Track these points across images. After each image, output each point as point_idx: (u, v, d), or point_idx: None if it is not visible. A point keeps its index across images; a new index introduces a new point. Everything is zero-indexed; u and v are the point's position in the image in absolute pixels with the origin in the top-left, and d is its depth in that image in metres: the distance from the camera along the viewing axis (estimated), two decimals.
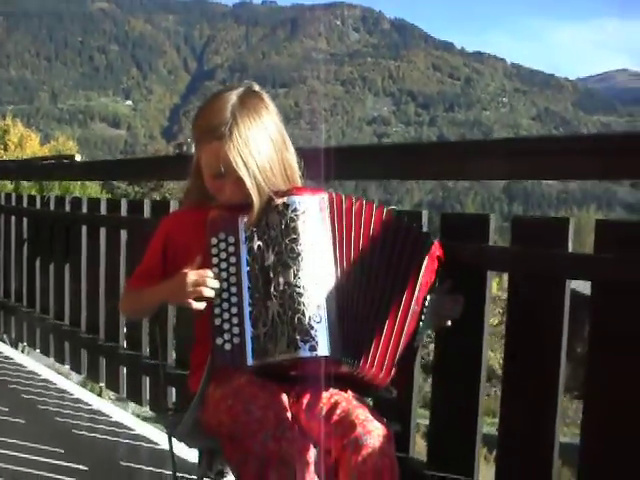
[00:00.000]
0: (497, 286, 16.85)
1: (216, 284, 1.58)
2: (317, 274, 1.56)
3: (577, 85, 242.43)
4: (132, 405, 4.73)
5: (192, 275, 1.59)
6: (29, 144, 23.02)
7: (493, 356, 15.83)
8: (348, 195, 1.65)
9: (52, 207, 4.17)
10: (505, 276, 2.04)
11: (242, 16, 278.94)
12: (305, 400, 1.59)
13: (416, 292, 1.63)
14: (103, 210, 3.61)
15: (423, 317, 1.64)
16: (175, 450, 2.96)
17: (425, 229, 2.01)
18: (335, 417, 1.54)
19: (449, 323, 1.76)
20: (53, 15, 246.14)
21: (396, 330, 1.60)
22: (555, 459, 1.79)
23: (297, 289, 1.54)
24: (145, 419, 3.80)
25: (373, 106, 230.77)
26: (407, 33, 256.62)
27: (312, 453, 1.45)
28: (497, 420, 1.89)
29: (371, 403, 1.70)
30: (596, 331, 1.72)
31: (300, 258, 1.56)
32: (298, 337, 1.51)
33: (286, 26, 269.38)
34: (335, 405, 1.56)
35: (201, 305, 1.59)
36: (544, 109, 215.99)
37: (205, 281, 1.58)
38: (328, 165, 1.80)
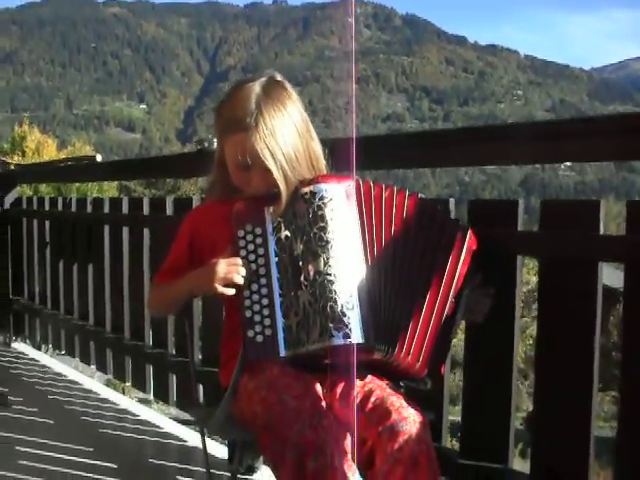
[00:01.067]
0: None
1: (244, 272, 1.57)
2: (347, 261, 1.54)
3: (592, 75, 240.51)
4: (155, 406, 4.74)
5: (221, 263, 1.59)
6: (46, 150, 23.16)
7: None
8: (377, 182, 1.63)
9: (74, 209, 4.18)
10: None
11: (253, 17, 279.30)
12: (339, 389, 1.57)
13: (454, 283, 1.61)
14: (125, 209, 3.62)
15: (459, 310, 1.63)
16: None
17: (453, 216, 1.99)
18: (369, 405, 1.52)
19: (481, 318, 1.75)
20: (66, 22, 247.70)
21: (434, 320, 1.59)
22: (592, 449, 1.76)
23: (328, 277, 1.52)
24: (171, 419, 3.80)
25: (387, 103, 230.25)
26: (419, 28, 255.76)
27: (349, 441, 1.44)
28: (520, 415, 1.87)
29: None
30: (631, 315, 1.70)
31: (329, 246, 1.54)
32: (331, 325, 1.50)
33: (298, 25, 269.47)
34: (369, 393, 1.55)
35: (231, 291, 1.58)
36: (559, 100, 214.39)
37: (235, 268, 1.57)
38: (353, 155, 1.79)
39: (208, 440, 3.18)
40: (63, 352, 4.46)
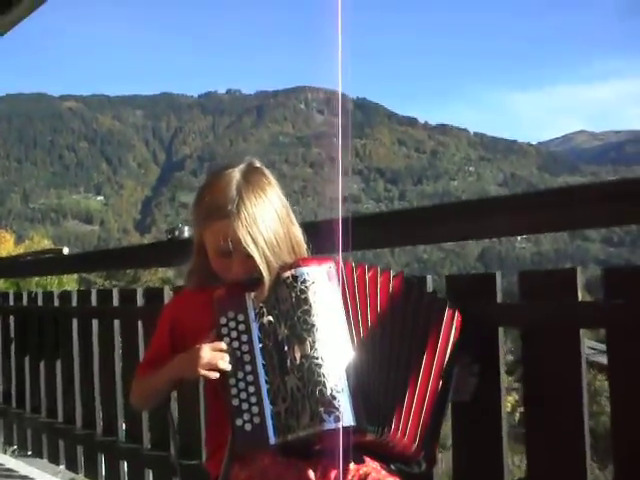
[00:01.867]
0: None
1: (228, 357, 1.55)
2: (334, 344, 1.54)
3: (540, 149, 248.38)
4: None
5: (205, 348, 1.57)
6: (4, 245, 22.97)
7: None
8: (360, 263, 1.64)
9: (40, 302, 4.11)
10: None
11: (208, 106, 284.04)
12: (333, 474, 1.54)
13: (443, 361, 1.61)
14: (94, 302, 3.57)
15: (450, 387, 1.62)
16: None
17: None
18: None
19: (468, 397, 1.74)
20: (22, 117, 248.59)
21: (427, 399, 1.58)
22: None
23: (315, 360, 1.51)
24: None
25: (343, 185, 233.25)
26: (370, 111, 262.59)
27: None
28: None
29: None
30: (617, 377, 1.71)
31: (315, 329, 1.54)
32: (321, 409, 1.48)
33: (251, 113, 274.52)
34: (365, 476, 1.52)
35: (215, 374, 1.55)
36: (510, 175, 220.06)
37: (219, 354, 1.55)
38: (339, 236, 1.80)
39: None
40: (29, 453, 4.30)
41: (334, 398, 1.48)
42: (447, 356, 1.63)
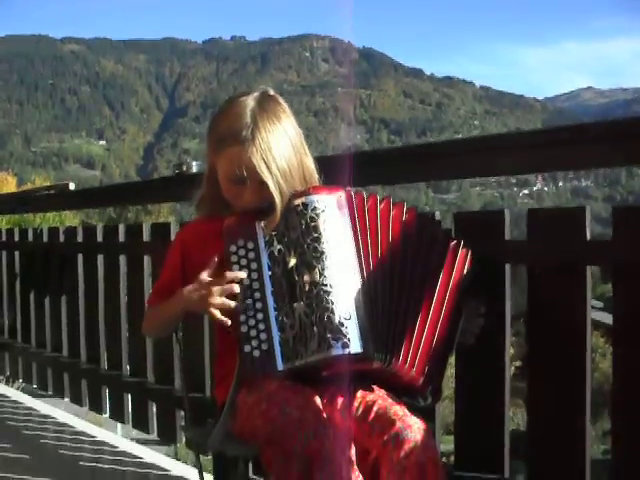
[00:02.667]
0: None
1: (238, 289, 1.56)
2: (343, 271, 1.54)
3: (546, 105, 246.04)
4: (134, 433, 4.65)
5: (215, 284, 1.57)
6: (6, 187, 22.85)
7: None
8: (372, 193, 1.64)
9: (45, 239, 4.12)
10: None
11: (212, 52, 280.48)
12: (339, 401, 1.56)
13: (447, 294, 1.62)
14: (99, 237, 3.58)
15: (459, 325, 1.64)
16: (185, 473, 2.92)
17: None
18: (372, 415, 1.52)
19: (472, 340, 1.75)
20: (23, 59, 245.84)
21: (438, 330, 1.59)
22: (588, 453, 1.78)
23: (324, 287, 1.52)
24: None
25: (346, 135, 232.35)
26: (376, 62, 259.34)
27: (353, 451, 1.43)
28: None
29: None
30: (621, 320, 1.73)
31: (324, 257, 1.54)
32: (329, 335, 1.49)
33: (256, 61, 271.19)
34: (371, 403, 1.54)
35: (226, 320, 1.56)
36: (515, 129, 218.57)
37: (228, 287, 1.56)
38: (348, 166, 1.80)
39: (187, 468, 3.14)
40: (35, 386, 4.36)
41: (342, 325, 1.49)
42: (458, 293, 1.63)
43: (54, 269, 4.03)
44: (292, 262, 1.56)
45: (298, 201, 1.59)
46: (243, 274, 1.57)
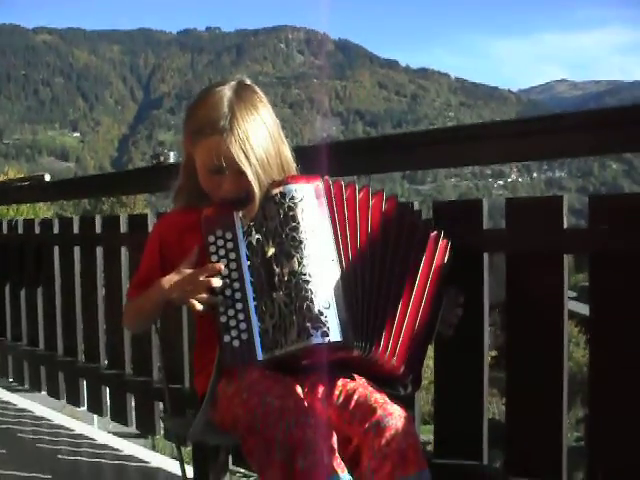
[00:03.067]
0: None
1: (218, 282, 1.56)
2: (321, 261, 1.54)
3: (520, 96, 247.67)
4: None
5: (195, 273, 1.58)
6: None
7: None
8: (350, 182, 1.64)
9: (20, 230, 4.08)
10: None
11: (187, 43, 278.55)
12: (320, 389, 1.57)
13: (428, 284, 1.63)
14: (76, 229, 3.54)
15: (439, 313, 1.65)
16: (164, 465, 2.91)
17: None
18: (353, 403, 1.52)
19: (450, 331, 1.77)
20: None
21: (419, 318, 1.61)
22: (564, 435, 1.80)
23: (303, 277, 1.52)
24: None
25: (322, 127, 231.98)
26: (352, 53, 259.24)
27: (335, 439, 1.44)
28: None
29: None
30: (598, 308, 1.75)
31: (303, 246, 1.54)
32: (309, 324, 1.49)
33: (231, 52, 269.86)
34: (352, 391, 1.55)
35: (202, 307, 1.56)
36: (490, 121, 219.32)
37: (207, 281, 1.56)
38: (325, 160, 1.80)
39: (166, 459, 3.14)
40: (10, 380, 4.32)
41: (321, 314, 1.49)
42: (438, 282, 1.64)
43: (30, 261, 3.99)
44: (271, 252, 1.56)
45: (276, 190, 1.58)
46: (222, 266, 1.57)
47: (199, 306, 1.56)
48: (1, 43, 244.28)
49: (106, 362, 3.42)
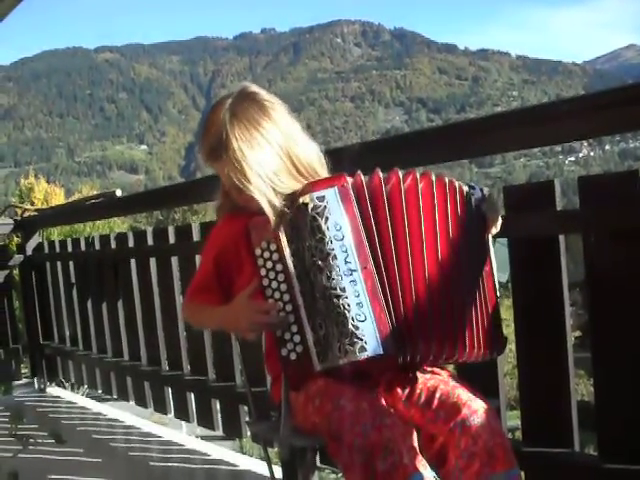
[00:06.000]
0: None
1: (274, 314, 1.52)
2: (352, 270, 1.47)
3: (585, 68, 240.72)
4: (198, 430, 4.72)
5: (252, 313, 1.54)
6: (54, 199, 23.23)
7: None
8: (394, 170, 1.54)
9: (98, 247, 4.19)
10: None
11: (243, 47, 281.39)
12: (399, 390, 1.56)
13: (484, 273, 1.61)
14: (150, 241, 3.62)
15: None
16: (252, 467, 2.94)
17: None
18: (436, 402, 1.50)
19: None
20: (60, 72, 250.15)
21: (480, 310, 1.59)
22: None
23: (334, 292, 1.46)
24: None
25: (385, 118, 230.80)
26: (408, 41, 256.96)
27: (415, 437, 1.42)
28: None
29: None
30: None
31: (330, 258, 1.46)
32: (346, 341, 1.44)
33: (288, 51, 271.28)
34: (434, 389, 1.53)
35: (254, 337, 1.57)
36: (556, 96, 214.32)
37: (263, 317, 1.53)
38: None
39: (254, 461, 3.17)
40: (100, 391, 4.45)
41: (357, 328, 1.44)
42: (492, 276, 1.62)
43: (108, 276, 4.10)
44: (308, 262, 1.50)
45: (300, 200, 1.50)
46: (277, 304, 1.52)
47: (251, 335, 1.57)
48: (66, 66, 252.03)
49: (189, 369, 3.49)
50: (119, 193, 3.94)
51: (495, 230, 1.69)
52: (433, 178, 1.55)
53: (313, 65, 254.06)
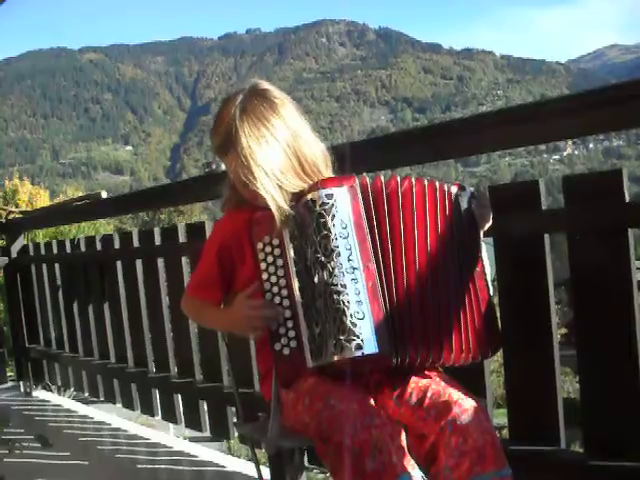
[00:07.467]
0: None
1: (273, 313, 1.55)
2: (355, 268, 1.48)
3: (570, 67, 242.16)
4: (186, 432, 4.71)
5: (248, 310, 1.58)
6: (39, 201, 23.11)
7: None
8: (393, 175, 1.56)
9: (83, 248, 4.17)
10: None
11: (228, 47, 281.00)
12: (389, 389, 1.56)
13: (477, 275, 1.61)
14: (136, 242, 3.61)
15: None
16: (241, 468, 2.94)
17: None
18: (427, 400, 1.51)
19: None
20: (45, 73, 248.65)
21: (469, 315, 1.58)
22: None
23: (334, 287, 1.47)
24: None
25: (370, 117, 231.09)
26: (393, 40, 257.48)
27: (403, 436, 1.42)
28: None
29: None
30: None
31: (334, 255, 1.48)
32: (342, 337, 1.45)
33: (273, 51, 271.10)
34: (425, 388, 1.53)
35: (259, 335, 1.60)
36: (540, 96, 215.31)
37: (263, 314, 1.56)
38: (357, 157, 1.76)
39: (243, 462, 3.17)
40: (86, 394, 4.43)
41: (354, 325, 1.45)
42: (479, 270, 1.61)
43: (94, 278, 4.08)
44: (311, 259, 1.51)
45: (309, 196, 1.52)
46: (276, 300, 1.55)
47: (255, 335, 1.62)
48: (50, 66, 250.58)
49: (176, 370, 3.48)
50: (104, 195, 3.92)
51: (487, 225, 1.69)
52: (426, 183, 1.57)
53: (298, 65, 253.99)
